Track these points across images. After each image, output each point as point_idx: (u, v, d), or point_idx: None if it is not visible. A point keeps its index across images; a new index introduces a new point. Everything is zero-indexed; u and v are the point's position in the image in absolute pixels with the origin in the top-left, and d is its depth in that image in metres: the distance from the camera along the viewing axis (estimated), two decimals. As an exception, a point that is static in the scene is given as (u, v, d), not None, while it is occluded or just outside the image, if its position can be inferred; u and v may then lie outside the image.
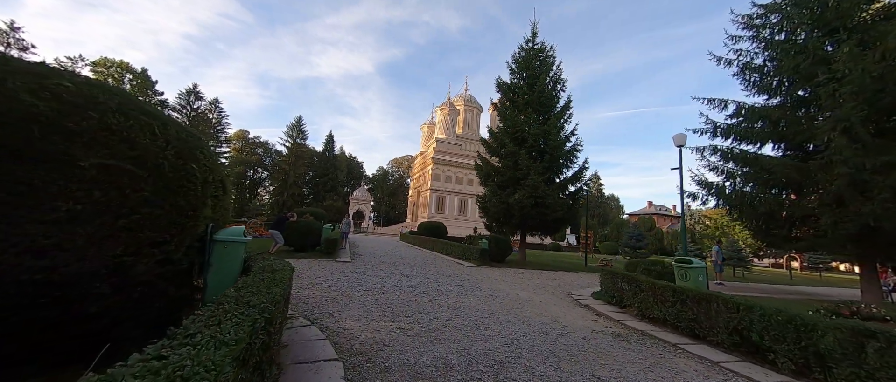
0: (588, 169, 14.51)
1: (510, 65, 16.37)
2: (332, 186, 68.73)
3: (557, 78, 15.26)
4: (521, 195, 13.05)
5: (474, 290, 7.59)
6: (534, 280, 10.28)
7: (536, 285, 9.24)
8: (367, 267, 9.91)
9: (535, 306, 6.53)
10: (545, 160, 13.76)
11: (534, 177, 13.03)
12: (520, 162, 13.56)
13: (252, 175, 74.76)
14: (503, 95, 15.85)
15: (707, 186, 13.75)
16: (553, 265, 16.23)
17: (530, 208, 13.12)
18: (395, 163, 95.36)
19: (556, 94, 15.20)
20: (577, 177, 14.71)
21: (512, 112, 14.57)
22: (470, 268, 11.75)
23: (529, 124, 14.11)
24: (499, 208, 14.03)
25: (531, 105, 14.42)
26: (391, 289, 6.88)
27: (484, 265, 12.80)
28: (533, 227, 14.24)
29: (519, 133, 14.61)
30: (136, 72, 48.25)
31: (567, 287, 9.56)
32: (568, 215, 14.20)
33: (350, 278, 7.81)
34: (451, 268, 11.36)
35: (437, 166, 51.64)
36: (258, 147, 74.93)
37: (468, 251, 14.03)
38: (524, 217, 13.44)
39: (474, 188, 54.45)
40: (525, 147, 14.11)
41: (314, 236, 11.73)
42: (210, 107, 58.88)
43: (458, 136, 56.92)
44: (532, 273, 12.19)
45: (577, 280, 11.49)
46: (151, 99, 48.82)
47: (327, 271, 8.53)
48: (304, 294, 5.83)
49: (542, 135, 14.08)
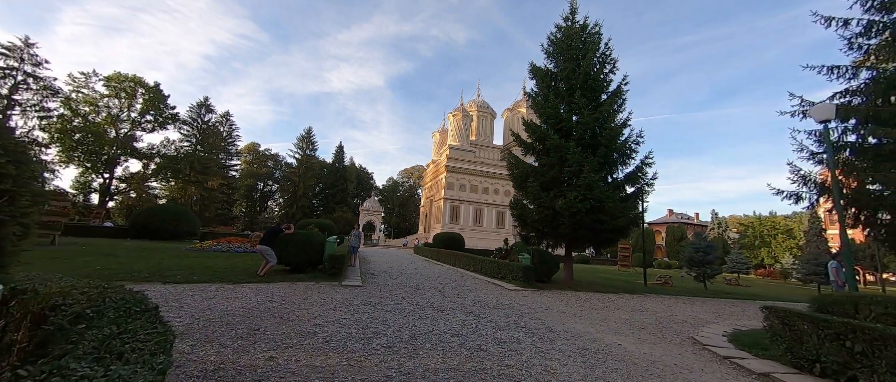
0: (651, 165, 11.72)
1: (546, 47, 13.95)
2: (342, 198, 67.01)
3: (606, 57, 12.71)
4: (573, 197, 10.36)
5: (550, 338, 4.93)
6: (615, 312, 7.49)
7: (627, 322, 6.48)
8: (383, 296, 7.35)
9: (670, 376, 3.83)
10: (599, 154, 11.09)
11: (588, 174, 10.36)
12: (568, 157, 10.92)
13: (262, 187, 73.88)
14: (539, 82, 13.36)
15: (812, 184, 10.83)
16: (607, 285, 13.34)
17: (584, 214, 10.40)
18: (406, 174, 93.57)
19: (606, 77, 12.62)
20: (636, 177, 11.92)
21: (553, 100, 12.02)
22: (515, 293, 9.06)
23: (579, 111, 11.51)
24: (541, 215, 11.34)
25: (577, 90, 11.86)
26: (425, 342, 4.30)
27: (529, 287, 10.07)
28: (585, 238, 11.43)
29: (563, 124, 12.04)
30: (148, 86, 47.89)
31: (671, 323, 6.74)
32: (628, 222, 11.39)
33: (360, 318, 5.27)
34: (492, 294, 8.70)
35: (451, 174, 49.21)
36: (268, 159, 74.23)
37: (505, 269, 11.34)
38: (576, 225, 10.71)
39: (490, 197, 51.74)
40: (572, 139, 11.49)
41: (315, 252, 9.29)
42: (221, 120, 58.37)
43: (471, 143, 54.62)
44: (599, 299, 9.38)
45: (665, 309, 8.63)
46: (163, 112, 48.32)
47: (328, 305, 6.01)
48: (281, 363, 3.30)
49: (594, 124, 11.45)
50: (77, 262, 9.09)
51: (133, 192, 47.48)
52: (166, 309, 4.86)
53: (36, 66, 37.16)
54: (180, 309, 4.85)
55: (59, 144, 40.31)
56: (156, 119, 47.51)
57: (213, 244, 15.63)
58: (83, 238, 18.36)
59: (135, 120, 46.21)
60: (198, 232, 22.20)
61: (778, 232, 51.35)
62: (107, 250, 12.45)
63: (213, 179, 51.68)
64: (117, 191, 46.64)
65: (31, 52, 36.64)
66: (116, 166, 45.40)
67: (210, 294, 6.13)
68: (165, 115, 48.16)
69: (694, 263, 14.32)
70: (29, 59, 36.67)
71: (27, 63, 36.60)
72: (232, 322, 4.46)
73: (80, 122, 41.76)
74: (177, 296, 5.67)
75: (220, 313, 4.83)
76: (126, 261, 9.73)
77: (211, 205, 51.22)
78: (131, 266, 8.93)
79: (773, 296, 14.69)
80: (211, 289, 6.60)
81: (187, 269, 8.89)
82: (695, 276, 14.48)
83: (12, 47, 35.75)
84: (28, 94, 36.62)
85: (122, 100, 45.43)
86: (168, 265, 9.52)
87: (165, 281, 7.24)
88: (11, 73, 35.52)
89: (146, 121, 47.06)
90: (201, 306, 5.15)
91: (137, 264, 9.37)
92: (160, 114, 47.71)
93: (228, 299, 5.79)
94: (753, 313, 8.68)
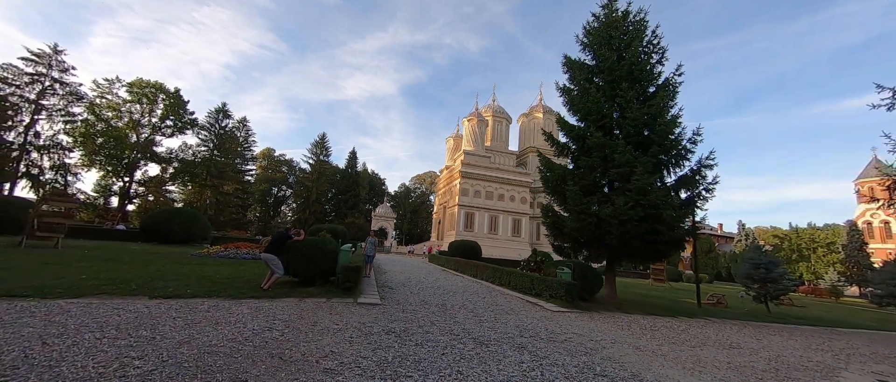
0: (712, 166, 10.07)
1: (581, 38, 12.63)
2: (354, 203, 66.53)
3: (654, 46, 11.27)
4: (623, 204, 8.88)
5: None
6: (703, 350, 5.90)
7: (732, 367, 4.92)
8: (407, 319, 6.04)
9: None
10: (650, 153, 9.59)
11: (641, 177, 8.87)
12: (615, 157, 9.46)
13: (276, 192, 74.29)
14: (575, 75, 12.01)
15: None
16: (655, 304, 11.65)
17: (636, 223, 8.88)
18: (418, 180, 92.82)
19: (653, 68, 11.15)
20: (693, 180, 10.29)
21: (594, 94, 10.60)
22: (561, 316, 7.60)
23: (625, 106, 10.06)
24: (581, 223, 9.86)
25: (622, 82, 10.43)
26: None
27: (573, 307, 8.57)
28: (635, 251, 9.83)
29: (605, 120, 10.61)
30: (168, 92, 48.83)
31: (790, 369, 5.15)
32: (685, 233, 9.77)
33: (384, 357, 3.96)
34: (535, 317, 7.27)
35: (466, 180, 47.88)
36: (283, 165, 74.75)
37: (540, 284, 9.86)
38: (625, 236, 9.18)
39: (506, 204, 50.04)
40: (617, 137, 10.03)
41: (327, 261, 8.09)
42: (238, 125, 59.07)
43: (486, 149, 53.30)
44: (665, 326, 7.80)
45: (758, 343, 6.99)
46: (183, 117, 49.08)
47: (343, 333, 4.74)
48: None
49: (643, 120, 9.96)
50: (68, 269, 8.17)
51: (151, 196, 48.05)
52: (134, 340, 3.68)
53: (63, 73, 38.17)
54: (150, 342, 3.67)
55: (82, 148, 41.13)
56: (175, 124, 48.23)
57: (221, 249, 14.73)
58: (94, 241, 17.84)
59: (155, 124, 47.00)
60: (209, 236, 21.53)
61: (818, 246, 47.61)
62: (110, 255, 11.63)
63: (228, 184, 51.98)
64: (136, 195, 47.29)
65: (58, 58, 37.70)
66: (136, 170, 46.10)
67: (198, 315, 4.97)
68: (184, 120, 48.89)
69: (754, 280, 12.43)
70: (57, 65, 37.72)
71: (55, 69, 37.63)
72: (212, 366, 3.23)
73: (103, 127, 42.64)
74: (155, 320, 4.52)
75: (200, 349, 3.62)
76: (122, 268, 8.78)
77: (226, 210, 51.38)
78: (124, 274, 7.93)
79: (850, 322, 12.62)
80: (201, 308, 5.45)
81: (183, 280, 7.83)
82: (754, 296, 12.60)
83: (41, 54, 36.83)
84: (54, 99, 37.53)
85: (143, 105, 46.34)
86: (164, 273, 8.50)
87: (153, 294, 6.16)
88: (39, 79, 36.53)
89: (166, 125, 47.82)
90: (179, 337, 3.97)
91: (132, 272, 8.39)
92: (180, 120, 48.45)
93: (218, 324, 4.59)
94: (867, 349, 6.93)
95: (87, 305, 5.05)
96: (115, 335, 3.81)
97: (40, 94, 36.54)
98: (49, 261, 9.06)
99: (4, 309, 4.48)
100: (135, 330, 4.00)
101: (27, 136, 35.54)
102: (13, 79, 35.21)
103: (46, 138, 37.31)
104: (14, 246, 11.65)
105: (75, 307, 4.93)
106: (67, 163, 39.30)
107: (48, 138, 37.47)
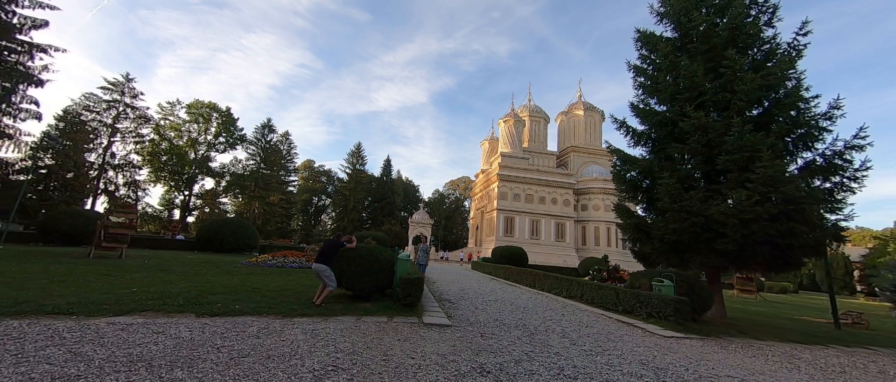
0: (863, 147, 7.67)
1: (656, 8, 10.76)
2: (390, 210, 66.95)
3: (760, 4, 9.12)
4: (745, 198, 6.91)
5: None
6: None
7: None
8: (493, 347, 4.72)
9: None
10: (773, 133, 7.52)
11: (770, 163, 6.85)
12: (726, 140, 7.51)
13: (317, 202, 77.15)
14: (657, 49, 10.11)
15: None
16: (778, 325, 9.30)
17: (765, 222, 6.85)
18: (451, 186, 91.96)
19: (761, 31, 8.99)
20: (834, 167, 7.94)
21: (689, 67, 8.69)
22: (683, 345, 5.85)
23: (734, 77, 8.06)
24: (683, 224, 7.95)
25: (727, 48, 8.44)
26: None
27: (688, 331, 6.72)
28: (758, 258, 7.64)
29: (703, 97, 8.66)
30: (221, 110, 52.43)
31: None
32: (833, 235, 7.50)
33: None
34: (650, 346, 5.61)
35: (504, 183, 45.96)
36: (322, 175, 77.57)
37: (632, 299, 8.07)
38: (746, 239, 7.16)
39: (547, 207, 47.24)
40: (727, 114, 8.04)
41: (384, 273, 7.03)
42: (281, 139, 62.13)
43: (524, 150, 51.04)
44: (822, 360, 5.78)
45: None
46: (233, 133, 52.44)
47: (426, 376, 3.51)
48: None
49: (758, 94, 7.89)
50: (123, 279, 7.90)
51: (207, 207, 51.58)
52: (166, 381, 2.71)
53: (133, 98, 42.25)
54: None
55: (150, 165, 45.19)
56: (227, 140, 51.57)
57: (269, 258, 14.48)
58: (155, 250, 18.66)
59: (210, 142, 50.57)
60: (257, 245, 21.89)
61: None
62: (166, 265, 11.62)
63: (273, 195, 54.45)
64: (195, 207, 51.04)
65: (129, 85, 41.83)
66: (195, 184, 49.82)
67: (245, 343, 4.03)
68: (235, 137, 52.15)
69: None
70: (128, 91, 41.86)
71: (127, 95, 41.77)
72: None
73: (167, 146, 46.63)
74: (195, 350, 3.61)
75: (248, 404, 2.55)
76: (173, 280, 8.40)
77: (272, 219, 53.74)
78: (174, 286, 7.46)
79: None
80: (250, 331, 4.54)
81: (232, 292, 7.17)
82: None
83: (116, 82, 41.09)
84: (127, 122, 41.60)
85: (199, 124, 50.11)
86: (213, 285, 7.96)
87: (200, 311, 5.42)
88: (115, 105, 40.72)
89: (219, 142, 51.26)
90: (223, 375, 2.97)
91: (182, 283, 7.94)
92: (231, 136, 51.76)
93: (270, 359, 3.58)
94: None
95: (127, 327, 4.33)
96: (145, 376, 2.89)
97: (115, 118, 40.65)
98: (110, 272, 8.95)
99: (36, 333, 3.82)
100: (169, 369, 3.06)
101: (105, 157, 39.60)
102: (94, 106, 39.54)
103: (120, 158, 41.39)
104: (83, 257, 12.05)
105: (113, 329, 4.21)
106: (138, 180, 43.33)
107: (122, 158, 41.55)
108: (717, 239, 7.63)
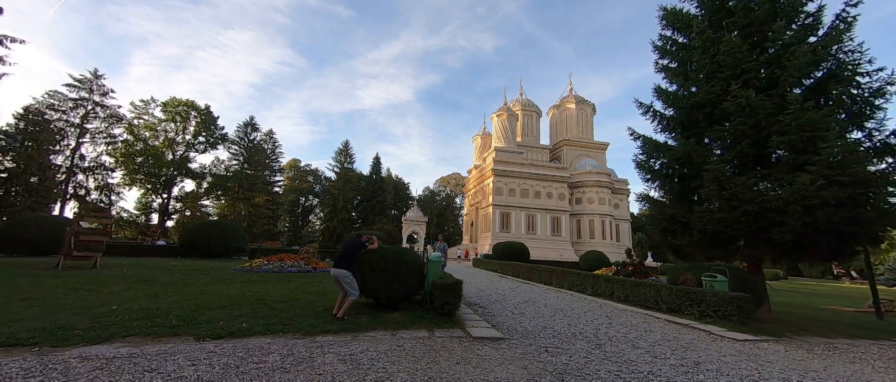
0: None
1: (682, -17, 10.14)
2: (381, 209, 65.50)
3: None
4: (809, 182, 6.31)
5: None
6: None
7: None
8: (568, 368, 3.88)
9: None
10: (829, 108, 6.95)
11: (835, 142, 6.26)
12: (780, 120, 6.90)
13: (304, 202, 74.74)
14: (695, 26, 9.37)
15: None
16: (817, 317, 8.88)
17: (830, 209, 6.27)
18: (442, 182, 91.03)
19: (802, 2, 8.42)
20: (887, 147, 7.48)
21: (731, 42, 8.05)
22: (760, 349, 5.18)
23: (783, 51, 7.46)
24: (734, 214, 7.32)
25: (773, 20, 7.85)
26: None
27: (754, 332, 6.08)
28: (820, 247, 7.03)
29: (747, 75, 8.05)
30: (199, 108, 49.65)
31: None
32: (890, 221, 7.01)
33: None
34: (726, 352, 4.90)
35: (499, 178, 45.39)
36: (309, 175, 75.18)
37: (682, 296, 7.41)
38: (808, 227, 6.58)
39: (542, 201, 46.99)
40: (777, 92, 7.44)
41: (413, 277, 6.09)
42: (265, 138, 59.60)
43: (518, 144, 50.60)
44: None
45: None
46: (214, 133, 49.76)
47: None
48: None
49: (812, 65, 7.32)
50: (99, 295, 6.66)
51: (188, 211, 48.87)
52: None
53: (103, 96, 39.29)
54: None
55: (124, 168, 42.29)
56: (207, 140, 48.90)
57: (264, 262, 13.20)
58: (134, 257, 16.99)
59: (189, 142, 47.81)
60: (247, 249, 20.43)
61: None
62: (149, 274, 10.27)
63: (259, 195, 52.18)
64: (174, 211, 48.25)
65: (98, 82, 38.84)
66: (173, 186, 47.05)
67: (272, 377, 3.04)
68: (216, 136, 49.52)
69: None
70: (97, 89, 38.87)
71: (96, 93, 38.77)
72: None
73: (142, 146, 43.74)
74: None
75: None
76: (159, 292, 7.19)
77: (258, 221, 51.53)
78: (162, 301, 6.30)
79: None
80: (271, 358, 3.54)
81: (233, 305, 6.09)
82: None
83: (83, 79, 38.06)
84: (97, 122, 38.67)
85: (177, 123, 47.28)
86: (209, 296, 6.82)
87: (200, 333, 4.36)
88: (82, 103, 37.75)
89: (199, 142, 48.55)
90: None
91: (170, 296, 6.77)
92: (211, 135, 49.10)
93: (314, 405, 2.61)
94: None
95: (106, 363, 3.25)
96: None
97: (84, 118, 37.69)
98: (85, 286, 7.62)
99: (-28, 384, 2.72)
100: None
101: (74, 159, 36.69)
102: (59, 104, 36.48)
103: (91, 160, 38.48)
104: (51, 268, 10.51)
105: (87, 367, 3.13)
106: (111, 183, 40.47)
107: (92, 160, 38.64)
108: (772, 228, 7.04)
